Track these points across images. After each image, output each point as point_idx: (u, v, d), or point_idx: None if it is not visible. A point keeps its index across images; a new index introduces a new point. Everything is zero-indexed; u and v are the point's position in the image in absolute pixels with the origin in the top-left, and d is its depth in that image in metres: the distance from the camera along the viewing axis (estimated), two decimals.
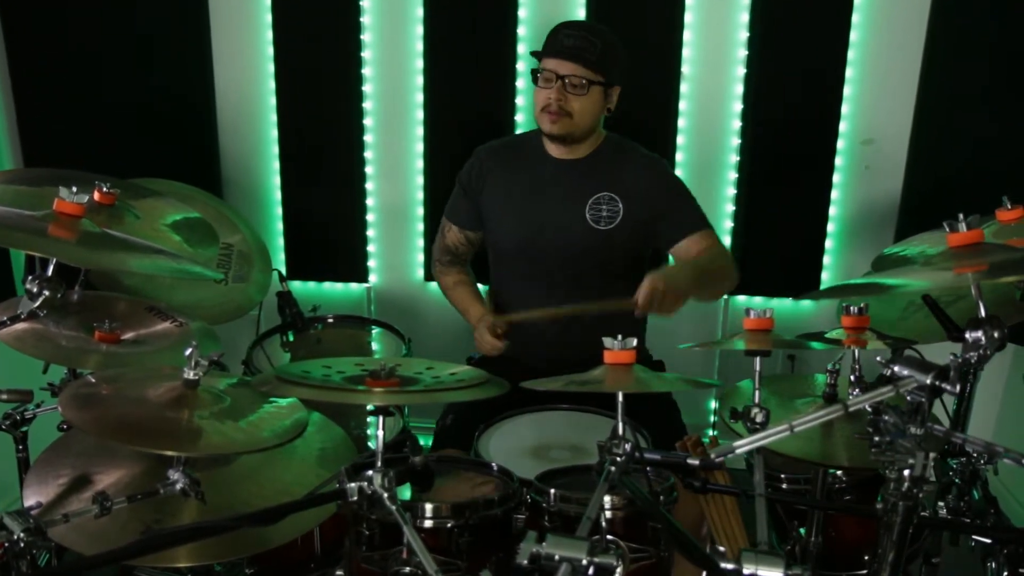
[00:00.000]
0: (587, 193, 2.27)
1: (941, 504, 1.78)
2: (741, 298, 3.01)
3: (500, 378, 1.55)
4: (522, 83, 2.88)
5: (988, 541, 1.79)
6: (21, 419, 1.83)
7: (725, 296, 3.00)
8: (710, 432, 3.07)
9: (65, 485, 1.54)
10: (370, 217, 3.05)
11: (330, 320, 2.59)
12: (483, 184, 2.35)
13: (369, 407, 2.16)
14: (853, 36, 2.74)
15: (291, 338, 2.52)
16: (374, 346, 2.59)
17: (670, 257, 2.40)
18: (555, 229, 2.28)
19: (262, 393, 1.57)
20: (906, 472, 1.29)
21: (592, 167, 2.29)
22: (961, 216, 1.36)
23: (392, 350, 2.51)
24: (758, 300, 3.00)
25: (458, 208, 2.41)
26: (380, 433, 1.35)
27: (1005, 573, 1.75)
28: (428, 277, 3.07)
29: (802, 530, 1.85)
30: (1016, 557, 1.75)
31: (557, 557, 1.13)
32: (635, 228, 2.28)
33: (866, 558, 1.88)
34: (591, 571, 1.13)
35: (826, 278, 2.94)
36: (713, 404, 3.12)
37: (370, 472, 1.33)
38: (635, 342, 1.46)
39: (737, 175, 2.89)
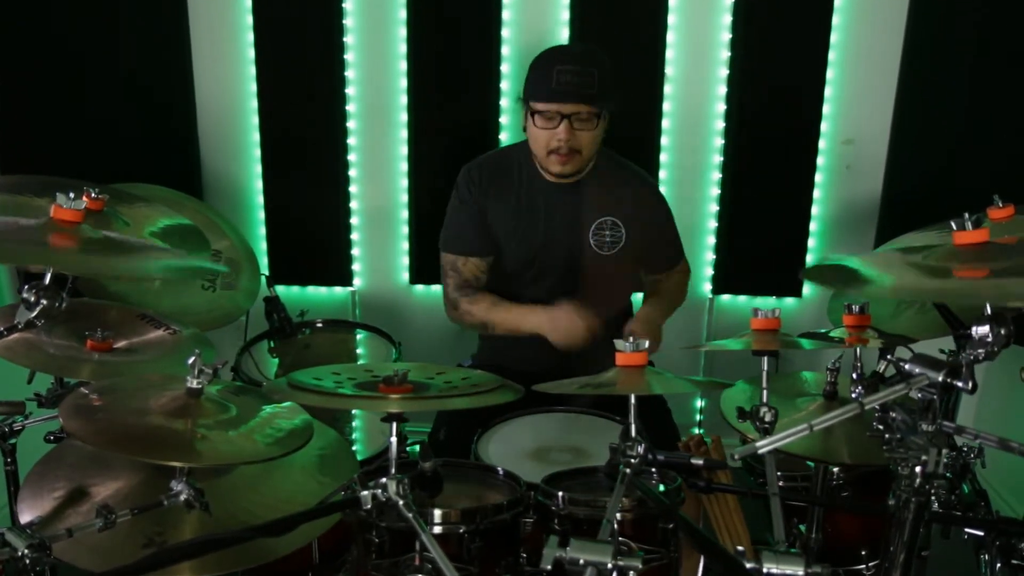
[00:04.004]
0: (590, 218, 2.25)
1: (932, 498, 1.81)
2: (725, 297, 3.04)
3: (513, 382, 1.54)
4: (506, 84, 2.88)
5: (981, 534, 1.82)
6: (9, 431, 1.78)
7: (710, 296, 3.03)
8: (696, 431, 3.09)
9: (61, 498, 1.50)
10: (354, 220, 3.02)
11: (319, 325, 2.56)
12: (488, 200, 2.27)
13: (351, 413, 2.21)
14: (833, 38, 2.78)
15: (276, 343, 2.49)
16: (362, 351, 2.57)
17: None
18: (558, 253, 2.26)
19: (264, 400, 1.55)
20: (918, 468, 1.31)
21: (592, 190, 2.25)
22: (966, 215, 1.37)
23: (382, 355, 2.48)
24: (742, 299, 3.03)
25: (473, 236, 2.26)
26: (394, 440, 1.33)
27: (998, 565, 1.77)
28: (414, 280, 3.05)
29: (801, 527, 1.87)
30: (1009, 549, 1.78)
31: (582, 561, 1.12)
32: (634, 253, 2.30)
33: (863, 553, 1.90)
34: (615, 575, 1.13)
35: None
36: (699, 404, 3.14)
37: (384, 479, 1.31)
38: (647, 344, 1.46)
39: (720, 175, 2.92)
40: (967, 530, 1.81)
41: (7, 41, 2.84)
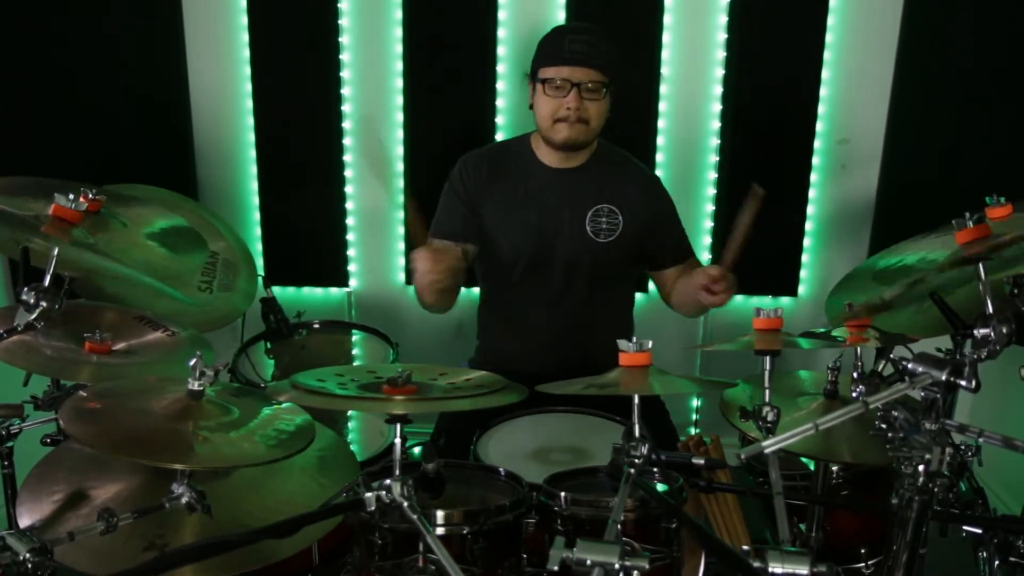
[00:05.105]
0: (587, 204, 2.25)
1: None
2: None
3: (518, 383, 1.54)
4: (502, 85, 2.88)
5: (979, 531, 1.82)
6: (7, 434, 1.76)
7: None
8: (692, 431, 3.10)
9: (60, 502, 1.49)
10: (350, 221, 3.02)
11: (316, 326, 2.55)
12: (481, 192, 2.27)
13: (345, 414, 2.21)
14: (829, 38, 2.79)
15: (273, 344, 2.48)
16: (358, 352, 2.56)
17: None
18: (556, 240, 2.26)
19: (264, 402, 1.55)
20: (921, 467, 1.31)
21: (590, 177, 2.27)
22: (967, 214, 1.38)
23: (379, 355, 2.48)
24: (738, 299, 3.03)
25: (451, 222, 2.28)
26: (398, 441, 1.33)
27: (996, 563, 1.78)
28: (410, 281, 3.04)
29: (801, 526, 1.87)
30: (1007, 547, 1.79)
31: (589, 562, 1.12)
32: (631, 242, 2.29)
33: (863, 551, 1.91)
34: (622, 575, 1.13)
35: (805, 276, 2.98)
36: (695, 403, 3.14)
37: (388, 481, 1.30)
38: (651, 344, 1.46)
39: (716, 175, 2.92)
40: (965, 528, 1.81)
41: (4, 43, 2.82)
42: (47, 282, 1.44)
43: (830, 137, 2.88)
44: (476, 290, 2.50)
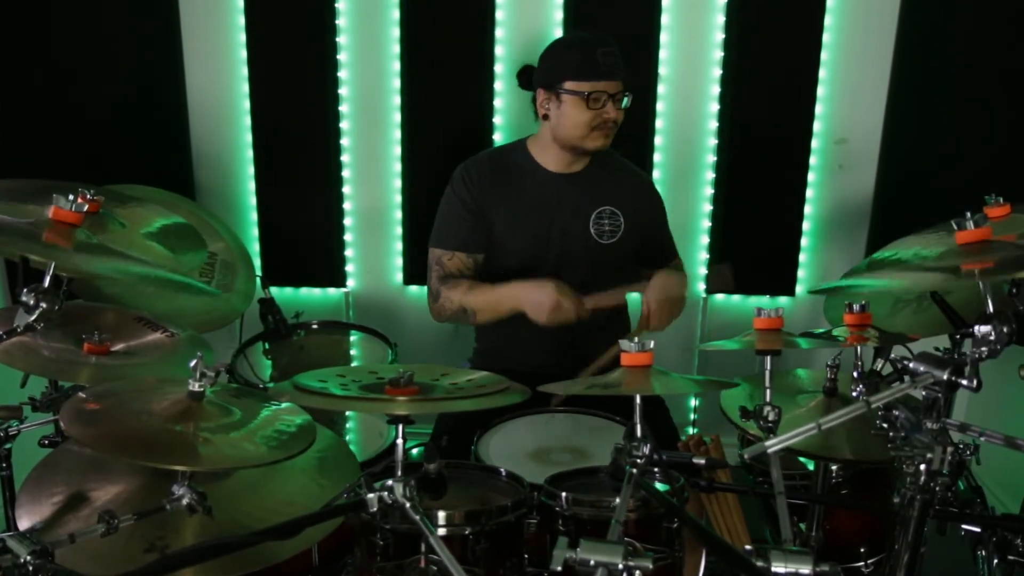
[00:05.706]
0: (590, 207, 2.29)
1: None
2: (719, 297, 3.05)
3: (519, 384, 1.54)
4: (500, 85, 2.87)
5: (977, 530, 1.83)
6: (5, 436, 1.75)
7: (704, 296, 3.03)
8: (691, 431, 3.10)
9: (60, 504, 1.48)
10: (347, 221, 3.01)
11: (314, 326, 2.55)
12: (487, 198, 2.27)
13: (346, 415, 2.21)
14: (826, 37, 2.79)
15: (271, 345, 2.47)
16: (356, 352, 2.56)
17: None
18: (561, 243, 2.28)
19: (265, 402, 1.54)
20: (922, 466, 1.32)
21: (591, 180, 2.30)
22: (968, 214, 1.38)
23: (377, 356, 2.47)
24: (736, 299, 3.04)
25: (462, 232, 2.27)
26: (400, 442, 1.32)
27: (995, 561, 1.78)
28: (407, 281, 3.04)
29: (801, 525, 1.87)
30: (1005, 545, 1.79)
31: (592, 562, 1.12)
32: (631, 242, 2.33)
33: (863, 550, 1.91)
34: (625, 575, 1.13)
35: (802, 275, 2.99)
36: (693, 403, 3.14)
37: (390, 481, 1.30)
38: (652, 344, 1.46)
39: (714, 175, 2.93)
40: (963, 527, 1.81)
41: (3, 43, 2.82)
42: (46, 283, 1.43)
43: (828, 137, 2.88)
44: None
